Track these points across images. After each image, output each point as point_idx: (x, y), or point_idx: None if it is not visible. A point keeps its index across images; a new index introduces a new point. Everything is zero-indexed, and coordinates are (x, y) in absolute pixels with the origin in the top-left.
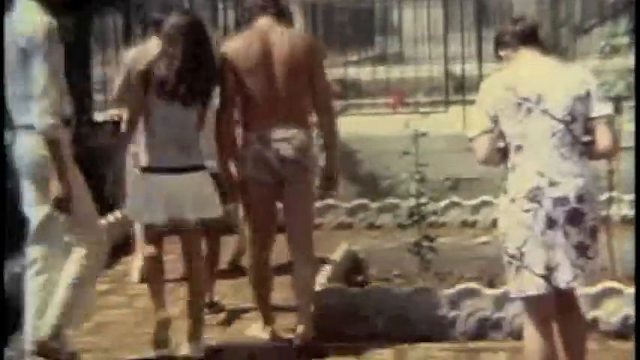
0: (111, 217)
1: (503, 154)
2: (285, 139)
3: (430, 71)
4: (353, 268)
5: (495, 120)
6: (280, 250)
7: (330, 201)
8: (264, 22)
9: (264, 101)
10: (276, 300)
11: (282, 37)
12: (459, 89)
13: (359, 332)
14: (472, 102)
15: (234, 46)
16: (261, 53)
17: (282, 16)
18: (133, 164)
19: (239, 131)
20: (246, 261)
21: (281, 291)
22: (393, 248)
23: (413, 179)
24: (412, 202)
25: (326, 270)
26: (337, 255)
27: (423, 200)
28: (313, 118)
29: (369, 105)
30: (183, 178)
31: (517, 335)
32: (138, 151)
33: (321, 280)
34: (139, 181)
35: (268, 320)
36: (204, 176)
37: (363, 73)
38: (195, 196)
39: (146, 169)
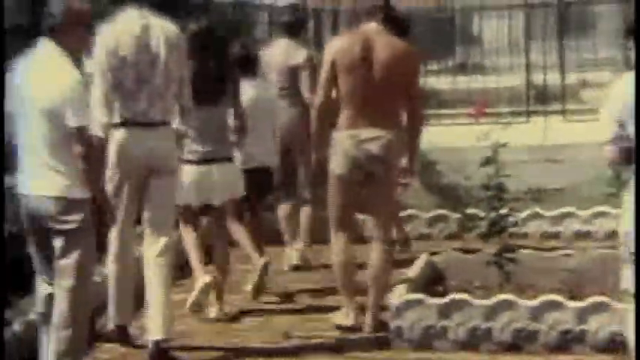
0: None
1: (629, 154)
2: (374, 139)
3: (511, 81)
4: (433, 278)
5: (623, 124)
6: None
7: (410, 211)
8: (369, 26)
9: (358, 101)
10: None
11: (383, 43)
12: (540, 99)
13: (439, 344)
14: (554, 112)
15: (338, 44)
16: (361, 55)
17: (388, 22)
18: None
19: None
20: None
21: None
22: (473, 259)
23: (494, 190)
24: (493, 213)
25: (405, 281)
26: (417, 265)
27: (503, 211)
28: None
29: (449, 115)
30: (216, 167)
31: (600, 348)
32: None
33: (401, 290)
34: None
35: (352, 308)
36: (232, 166)
37: (443, 83)
38: (225, 182)
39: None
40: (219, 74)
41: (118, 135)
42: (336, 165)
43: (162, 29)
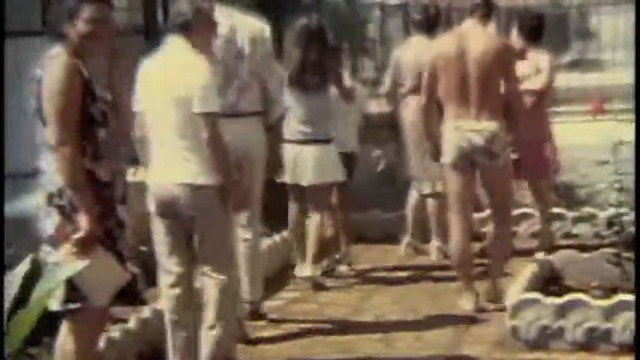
0: None
1: None
2: (476, 131)
3: (629, 77)
4: (549, 278)
5: None
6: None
7: (525, 209)
8: (468, 23)
9: (458, 96)
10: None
11: (478, 39)
12: None
13: (555, 345)
14: None
15: (436, 45)
16: (457, 53)
17: (489, 17)
18: None
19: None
20: None
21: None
22: (590, 258)
23: (612, 188)
24: (611, 211)
25: (521, 280)
26: (533, 264)
27: (622, 210)
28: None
29: (565, 113)
30: (312, 148)
31: None
32: None
33: (517, 290)
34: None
35: (473, 293)
36: (329, 148)
37: (559, 80)
38: (318, 164)
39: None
40: (324, 64)
41: None
42: (446, 154)
43: (247, 26)
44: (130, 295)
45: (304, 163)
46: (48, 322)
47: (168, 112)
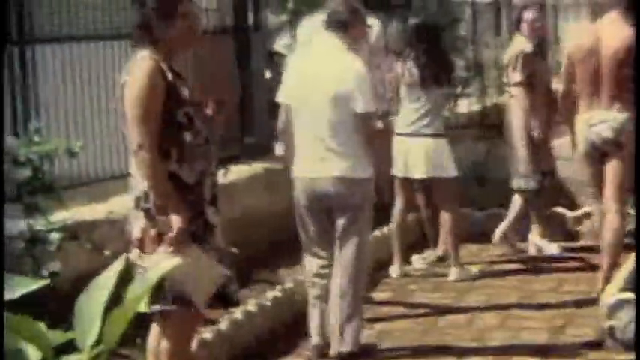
0: None
1: None
2: (604, 122)
3: None
4: None
5: None
6: None
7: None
8: (607, 16)
9: (590, 88)
10: None
11: (611, 33)
12: None
13: None
14: None
15: (574, 39)
16: (590, 46)
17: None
18: None
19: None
20: None
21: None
22: None
23: None
24: None
25: (618, 279)
26: (629, 262)
27: None
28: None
29: None
30: (429, 142)
31: None
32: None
33: (613, 289)
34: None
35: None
36: (443, 142)
37: None
38: (434, 157)
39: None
40: (438, 60)
41: None
42: (578, 145)
43: None
44: (221, 297)
45: (417, 157)
46: (141, 323)
47: (323, 109)
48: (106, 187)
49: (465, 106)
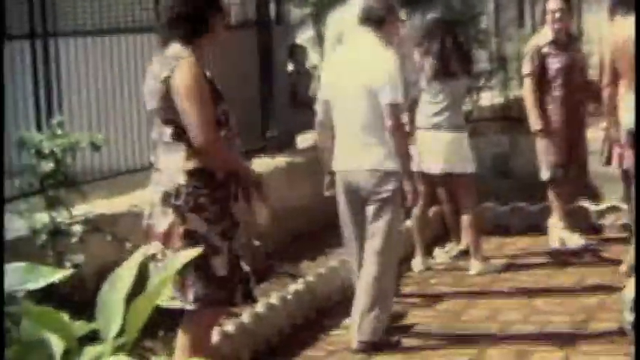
0: None
1: None
2: None
3: None
4: None
5: None
6: None
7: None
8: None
9: (631, 77)
10: None
11: None
12: None
13: None
14: None
15: (616, 33)
16: (626, 37)
17: None
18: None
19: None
20: None
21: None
22: None
23: None
24: None
25: None
26: None
27: None
28: None
29: None
30: (450, 136)
31: None
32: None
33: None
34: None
35: None
36: (464, 136)
37: None
38: (452, 152)
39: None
40: (457, 54)
41: None
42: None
43: None
44: (243, 293)
45: (436, 151)
46: (163, 315)
47: (356, 102)
48: (128, 180)
49: (488, 98)
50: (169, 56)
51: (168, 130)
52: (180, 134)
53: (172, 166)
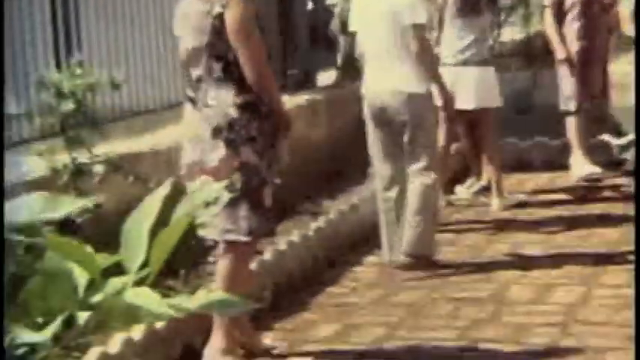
0: None
1: None
2: None
3: None
4: None
5: None
6: None
7: None
8: None
9: None
10: None
11: None
12: None
13: None
14: None
15: None
16: None
17: None
18: None
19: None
20: None
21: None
22: None
23: None
24: None
25: None
26: None
27: None
28: None
29: None
30: (477, 70)
31: None
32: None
33: None
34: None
35: None
36: (490, 69)
37: None
38: (483, 86)
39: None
40: None
41: None
42: None
43: None
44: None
45: (466, 86)
46: (185, 255)
47: (380, 26)
48: (149, 119)
49: (509, 34)
50: None
51: (218, 66)
52: (231, 69)
53: (224, 101)
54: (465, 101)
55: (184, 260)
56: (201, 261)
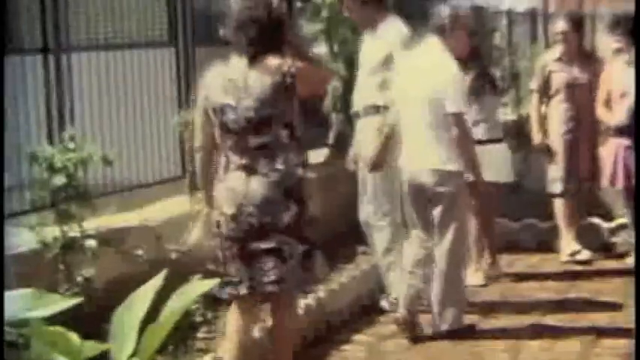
0: None
1: None
2: None
3: None
4: None
5: None
6: None
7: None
8: None
9: None
10: None
11: None
12: None
13: None
14: None
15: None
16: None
17: None
18: None
19: None
20: None
21: None
22: None
23: None
24: None
25: None
26: None
27: None
28: None
29: None
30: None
31: None
32: None
33: None
34: None
35: None
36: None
37: None
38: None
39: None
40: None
41: None
42: None
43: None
44: None
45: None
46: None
47: (420, 108)
48: (141, 194)
49: (501, 115)
50: (273, 65)
51: (285, 132)
52: (296, 133)
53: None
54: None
55: (173, 336)
56: (189, 336)
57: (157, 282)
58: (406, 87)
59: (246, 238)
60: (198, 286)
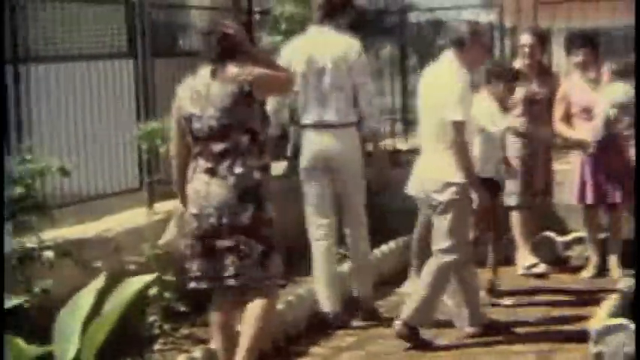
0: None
1: None
2: None
3: None
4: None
5: None
6: None
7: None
8: None
9: None
10: None
11: None
12: None
13: None
14: None
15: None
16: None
17: None
18: None
19: None
20: None
21: None
22: None
23: None
24: None
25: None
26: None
27: None
28: None
29: None
30: None
31: None
32: None
33: (601, 315)
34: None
35: None
36: None
37: None
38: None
39: None
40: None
41: None
42: None
43: (334, 43)
44: None
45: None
46: (123, 339)
47: (427, 117)
48: (98, 205)
49: None
50: (232, 74)
51: (245, 138)
52: (257, 138)
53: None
54: None
55: (130, 349)
56: (147, 349)
57: (97, 284)
58: (420, 95)
59: (208, 236)
60: (135, 283)
